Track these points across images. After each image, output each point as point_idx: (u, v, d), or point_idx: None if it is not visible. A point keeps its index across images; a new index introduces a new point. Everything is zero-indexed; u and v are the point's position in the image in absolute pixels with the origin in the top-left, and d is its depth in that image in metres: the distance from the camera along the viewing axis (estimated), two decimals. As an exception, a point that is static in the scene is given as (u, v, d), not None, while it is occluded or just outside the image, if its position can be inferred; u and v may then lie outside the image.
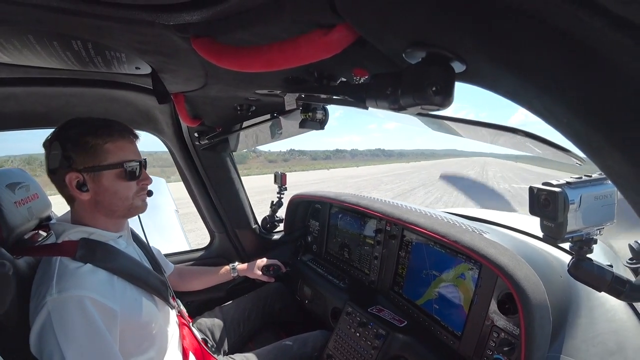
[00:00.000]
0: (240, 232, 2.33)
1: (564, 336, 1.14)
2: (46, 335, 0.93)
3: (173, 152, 2.02)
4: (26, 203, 1.23)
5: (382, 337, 1.49)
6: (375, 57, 0.67)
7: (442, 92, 0.51)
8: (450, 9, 0.41)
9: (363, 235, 1.95)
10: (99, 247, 1.10)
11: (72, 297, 0.96)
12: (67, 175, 1.07)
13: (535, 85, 0.41)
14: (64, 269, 1.01)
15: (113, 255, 1.13)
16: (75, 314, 0.96)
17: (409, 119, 1.03)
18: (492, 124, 0.79)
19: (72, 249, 1.06)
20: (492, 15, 0.37)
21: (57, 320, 0.93)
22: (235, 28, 0.65)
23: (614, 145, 0.36)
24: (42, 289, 0.98)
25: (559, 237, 0.75)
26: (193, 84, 1.15)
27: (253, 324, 1.93)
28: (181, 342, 1.37)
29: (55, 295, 0.95)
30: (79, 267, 1.03)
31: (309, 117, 1.22)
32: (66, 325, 0.94)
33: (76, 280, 1.00)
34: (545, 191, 0.76)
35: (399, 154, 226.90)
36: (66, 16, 0.62)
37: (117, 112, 1.57)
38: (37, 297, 0.98)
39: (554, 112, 0.42)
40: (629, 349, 1.03)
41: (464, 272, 1.38)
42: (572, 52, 0.34)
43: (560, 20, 0.32)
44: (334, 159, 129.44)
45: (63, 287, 0.97)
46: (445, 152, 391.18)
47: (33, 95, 1.32)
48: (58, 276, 0.99)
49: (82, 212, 1.14)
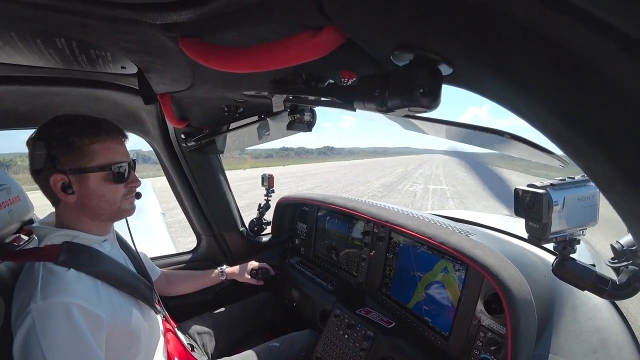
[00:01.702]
0: (228, 234, 2.31)
1: (549, 335, 1.16)
2: (30, 344, 0.88)
3: (159, 154, 1.99)
4: (7, 206, 1.20)
5: (370, 339, 1.49)
6: (363, 59, 0.68)
7: (429, 94, 0.51)
8: (437, 13, 0.41)
9: (351, 237, 1.95)
10: (82, 251, 1.06)
11: (58, 303, 0.92)
12: (52, 176, 1.03)
13: (521, 89, 0.42)
14: (49, 275, 0.97)
15: (97, 259, 1.08)
16: (61, 321, 0.91)
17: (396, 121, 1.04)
18: (479, 126, 0.80)
19: (55, 253, 1.01)
20: (478, 20, 0.38)
21: (42, 328, 0.89)
22: (223, 28, 0.65)
23: (597, 148, 0.37)
24: (26, 296, 0.93)
25: (544, 237, 0.77)
26: (180, 84, 1.14)
27: (242, 330, 1.91)
28: (166, 347, 1.35)
29: (40, 302, 0.90)
30: (64, 272, 0.98)
31: (296, 119, 1.22)
32: (51, 333, 0.89)
33: (62, 286, 0.95)
34: (530, 193, 0.77)
35: (348, 152, 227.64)
36: (50, 13, 0.61)
37: (103, 112, 1.54)
38: (20, 305, 0.93)
39: (539, 115, 0.42)
40: (612, 347, 1.06)
41: (446, 266, 1.40)
42: (555, 56, 0.34)
43: (543, 25, 0.32)
44: (276, 157, 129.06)
45: (48, 294, 0.92)
46: (397, 149, 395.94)
47: (15, 94, 1.28)
48: (42, 282, 0.95)
49: (66, 215, 1.10)
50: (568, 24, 0.30)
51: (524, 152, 0.94)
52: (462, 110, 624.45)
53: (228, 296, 2.11)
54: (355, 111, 0.80)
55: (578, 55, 0.32)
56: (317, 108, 1.24)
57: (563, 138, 0.41)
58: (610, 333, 1.10)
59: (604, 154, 0.36)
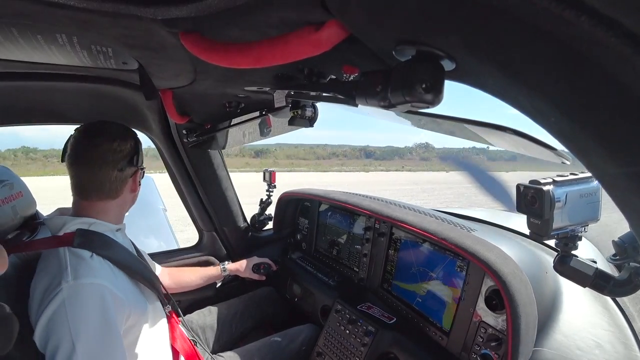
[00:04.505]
0: (229, 230, 2.31)
1: (551, 331, 1.16)
2: (57, 322, 0.90)
3: (160, 150, 1.99)
4: (10, 201, 1.20)
5: (371, 334, 1.50)
6: (366, 55, 0.67)
7: (432, 90, 0.51)
8: (440, 7, 0.41)
9: (352, 232, 1.95)
10: (96, 237, 1.09)
11: (89, 284, 0.96)
12: (137, 172, 1.23)
13: (524, 84, 0.42)
14: (75, 258, 1.00)
15: (111, 245, 1.12)
16: (92, 301, 0.95)
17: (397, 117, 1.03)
18: (481, 121, 0.79)
19: (71, 239, 1.04)
20: (481, 15, 0.37)
21: (71, 307, 0.91)
22: (224, 24, 0.64)
23: (600, 145, 0.37)
24: (53, 278, 0.96)
25: (545, 234, 0.76)
26: (181, 80, 1.14)
27: (244, 324, 1.92)
28: (170, 340, 1.36)
29: (72, 282, 0.94)
30: (89, 257, 1.02)
31: (298, 115, 1.21)
32: (81, 311, 0.92)
33: (90, 269, 0.99)
34: (532, 189, 0.77)
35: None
36: (51, 9, 0.61)
37: (104, 108, 1.53)
38: (47, 287, 0.95)
39: (542, 110, 0.42)
40: (614, 343, 1.06)
41: (447, 261, 1.40)
42: (559, 52, 0.34)
43: (547, 21, 0.32)
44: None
45: (79, 274, 0.96)
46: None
47: (16, 90, 1.28)
48: (71, 264, 0.98)
49: (99, 208, 1.17)
50: (572, 20, 0.29)
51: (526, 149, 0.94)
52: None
53: (230, 291, 2.11)
54: (357, 107, 0.80)
55: (582, 51, 0.32)
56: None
57: (566, 134, 0.41)
58: (612, 330, 1.10)
59: (607, 150, 0.36)
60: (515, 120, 1.89)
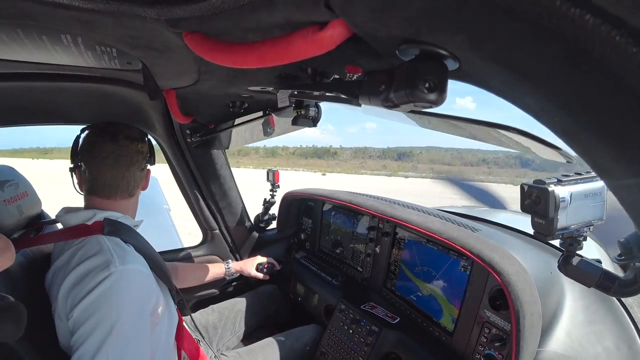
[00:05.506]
0: (233, 229, 2.32)
1: (555, 331, 1.16)
2: (102, 304, 0.91)
3: (164, 149, 2.00)
4: (16, 201, 1.21)
5: (374, 334, 1.50)
6: (369, 54, 0.67)
7: (435, 90, 0.51)
8: (447, 6, 0.41)
9: (356, 232, 1.95)
10: (122, 227, 1.12)
11: (136, 270, 1.00)
12: (149, 171, 1.31)
13: (528, 84, 0.42)
14: (116, 245, 1.03)
15: (137, 236, 1.16)
16: (138, 287, 0.99)
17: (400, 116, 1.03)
18: (484, 121, 0.79)
19: (100, 227, 1.08)
20: (487, 14, 0.37)
21: (118, 290, 0.93)
22: (228, 24, 0.64)
23: (605, 144, 0.37)
24: (98, 262, 0.97)
25: (550, 234, 0.76)
26: (185, 80, 1.14)
27: (248, 323, 1.93)
28: (175, 337, 1.36)
29: (120, 266, 0.96)
30: (126, 245, 1.05)
31: (301, 114, 1.22)
32: (126, 297, 0.95)
33: (133, 255, 1.03)
34: (536, 189, 0.77)
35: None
36: (56, 10, 0.61)
37: (108, 108, 1.54)
38: (91, 271, 0.95)
39: (546, 110, 0.42)
40: (617, 343, 1.05)
41: (451, 261, 1.40)
42: (565, 51, 0.34)
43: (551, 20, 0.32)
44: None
45: (126, 260, 0.99)
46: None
47: (21, 90, 1.29)
48: (115, 250, 1.00)
49: (127, 204, 1.24)
50: (577, 18, 0.29)
51: (530, 148, 0.93)
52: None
53: (233, 290, 2.12)
54: (360, 106, 0.80)
55: (587, 50, 0.32)
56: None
57: (570, 133, 0.41)
58: (616, 330, 1.09)
59: (611, 149, 0.36)
60: (518, 119, 1.88)
